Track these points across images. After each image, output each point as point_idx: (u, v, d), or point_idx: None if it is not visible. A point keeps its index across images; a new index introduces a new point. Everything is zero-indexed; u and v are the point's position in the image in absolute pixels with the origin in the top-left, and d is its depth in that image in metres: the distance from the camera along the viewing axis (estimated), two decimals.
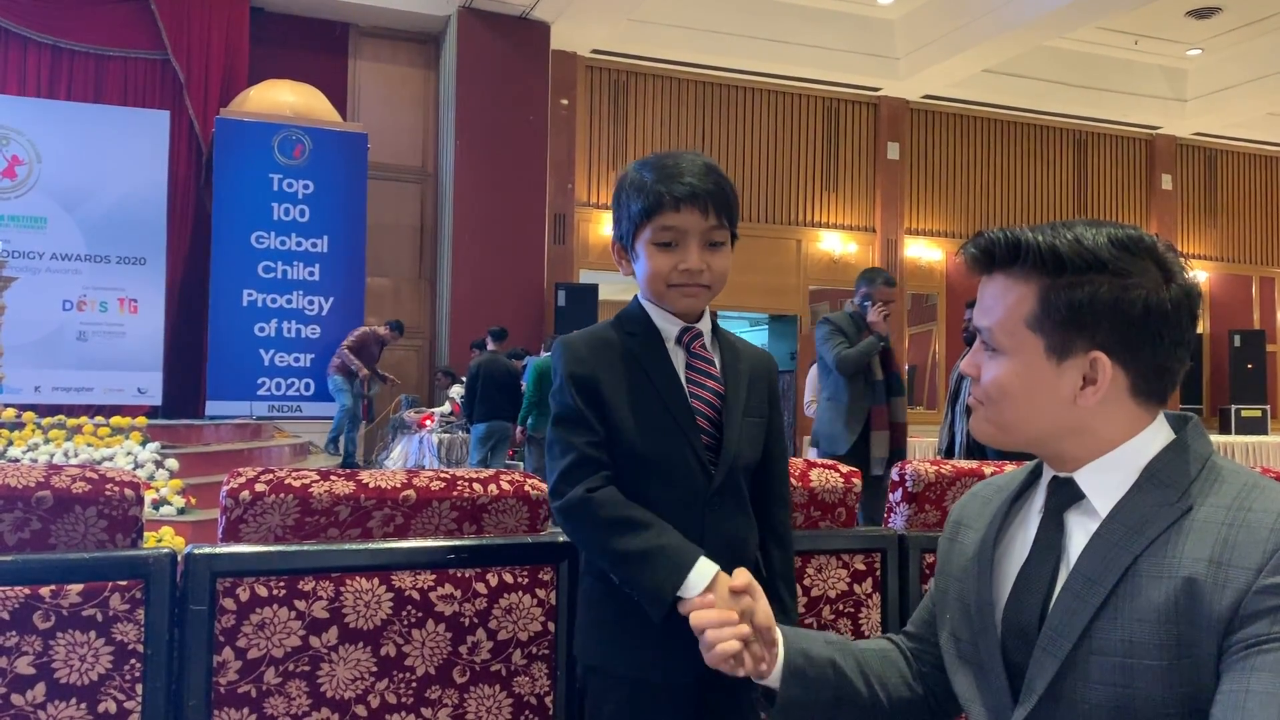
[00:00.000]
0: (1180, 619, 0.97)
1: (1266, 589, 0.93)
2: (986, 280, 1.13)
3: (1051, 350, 1.07)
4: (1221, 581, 0.95)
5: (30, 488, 1.44)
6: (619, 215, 1.55)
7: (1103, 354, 1.05)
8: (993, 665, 1.11)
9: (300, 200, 9.74)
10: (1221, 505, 1.00)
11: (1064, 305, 1.05)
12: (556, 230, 10.99)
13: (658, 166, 1.49)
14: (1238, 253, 14.60)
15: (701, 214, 1.47)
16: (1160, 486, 1.04)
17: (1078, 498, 1.09)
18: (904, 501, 2.05)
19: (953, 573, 1.23)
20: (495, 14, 10.28)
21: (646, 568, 1.38)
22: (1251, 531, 0.96)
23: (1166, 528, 1.01)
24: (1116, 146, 13.81)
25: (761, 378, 1.60)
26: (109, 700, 1.42)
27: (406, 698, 1.59)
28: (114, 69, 9.99)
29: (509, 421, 8.16)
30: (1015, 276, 1.09)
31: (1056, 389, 1.07)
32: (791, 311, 12.24)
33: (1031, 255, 1.07)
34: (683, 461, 1.48)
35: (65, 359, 9.34)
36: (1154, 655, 0.98)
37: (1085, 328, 1.05)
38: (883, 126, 12.51)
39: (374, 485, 1.65)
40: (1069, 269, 1.05)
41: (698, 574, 1.36)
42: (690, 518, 1.47)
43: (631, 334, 1.53)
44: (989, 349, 1.12)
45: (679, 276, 1.48)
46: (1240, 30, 11.76)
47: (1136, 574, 1.01)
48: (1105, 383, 1.05)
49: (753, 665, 1.20)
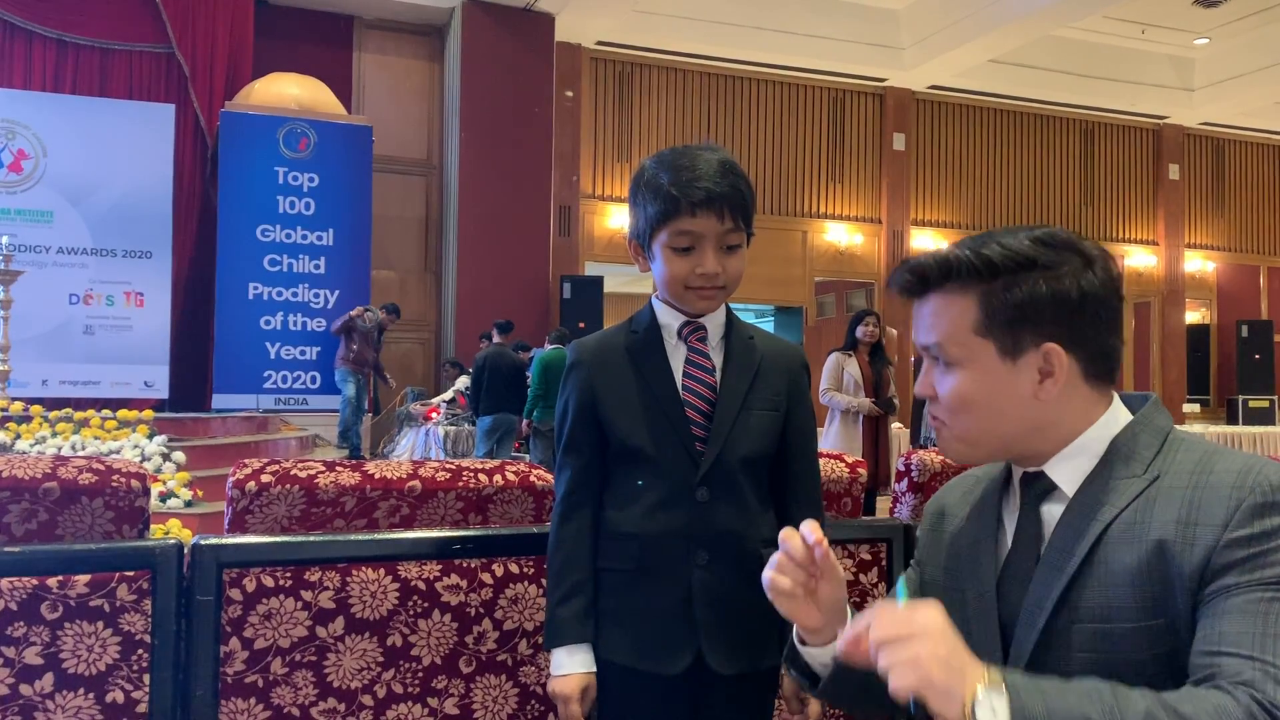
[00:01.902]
0: (1153, 580, 1.01)
1: (1232, 542, 0.97)
2: (920, 303, 1.16)
3: (1004, 351, 1.10)
4: (1190, 540, 0.99)
5: (37, 479, 1.44)
6: (635, 213, 1.56)
7: (1053, 344, 1.09)
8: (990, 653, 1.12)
9: (305, 193, 9.74)
10: (1185, 471, 1.05)
11: (1006, 305, 1.09)
12: (562, 222, 10.99)
13: (674, 167, 1.49)
14: (1245, 242, 14.54)
15: (718, 218, 1.47)
16: (1125, 461, 1.08)
17: (1050, 489, 1.13)
18: (910, 491, 2.05)
19: (941, 562, 1.25)
20: (500, 6, 10.26)
21: (552, 617, 1.53)
22: (1215, 491, 1.01)
23: (1135, 497, 1.05)
24: (1123, 136, 13.76)
25: (779, 371, 1.58)
26: (116, 690, 1.43)
27: (413, 687, 1.59)
28: (119, 62, 10.00)
29: (515, 414, 8.16)
30: (951, 292, 1.12)
31: (1016, 388, 1.10)
32: (797, 303, 12.22)
33: (964, 268, 1.10)
34: (670, 452, 1.50)
35: (72, 352, 9.36)
36: (1131, 618, 1.01)
37: (1030, 322, 1.08)
38: (888, 117, 12.47)
39: (380, 476, 1.66)
40: (1002, 271, 1.09)
41: (558, 658, 1.50)
42: (677, 509, 1.49)
43: (635, 332, 1.58)
44: (941, 364, 1.14)
45: (697, 280, 1.50)
46: (1248, 19, 11.70)
47: (1108, 542, 1.05)
48: (1062, 372, 1.09)
49: (803, 618, 1.18)
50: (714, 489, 1.50)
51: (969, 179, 12.96)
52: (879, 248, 12.44)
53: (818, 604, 1.17)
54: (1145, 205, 13.87)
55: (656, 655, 1.48)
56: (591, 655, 1.51)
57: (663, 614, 1.48)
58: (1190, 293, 14.11)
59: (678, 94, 11.65)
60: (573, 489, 1.55)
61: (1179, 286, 13.90)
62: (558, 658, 1.51)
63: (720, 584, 1.48)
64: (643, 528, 1.50)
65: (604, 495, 1.56)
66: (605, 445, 1.55)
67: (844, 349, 6.30)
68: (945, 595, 1.21)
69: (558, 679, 1.50)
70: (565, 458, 1.57)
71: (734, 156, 1.56)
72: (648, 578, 1.50)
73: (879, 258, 12.48)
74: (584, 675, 1.49)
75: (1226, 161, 14.43)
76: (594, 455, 1.55)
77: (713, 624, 1.48)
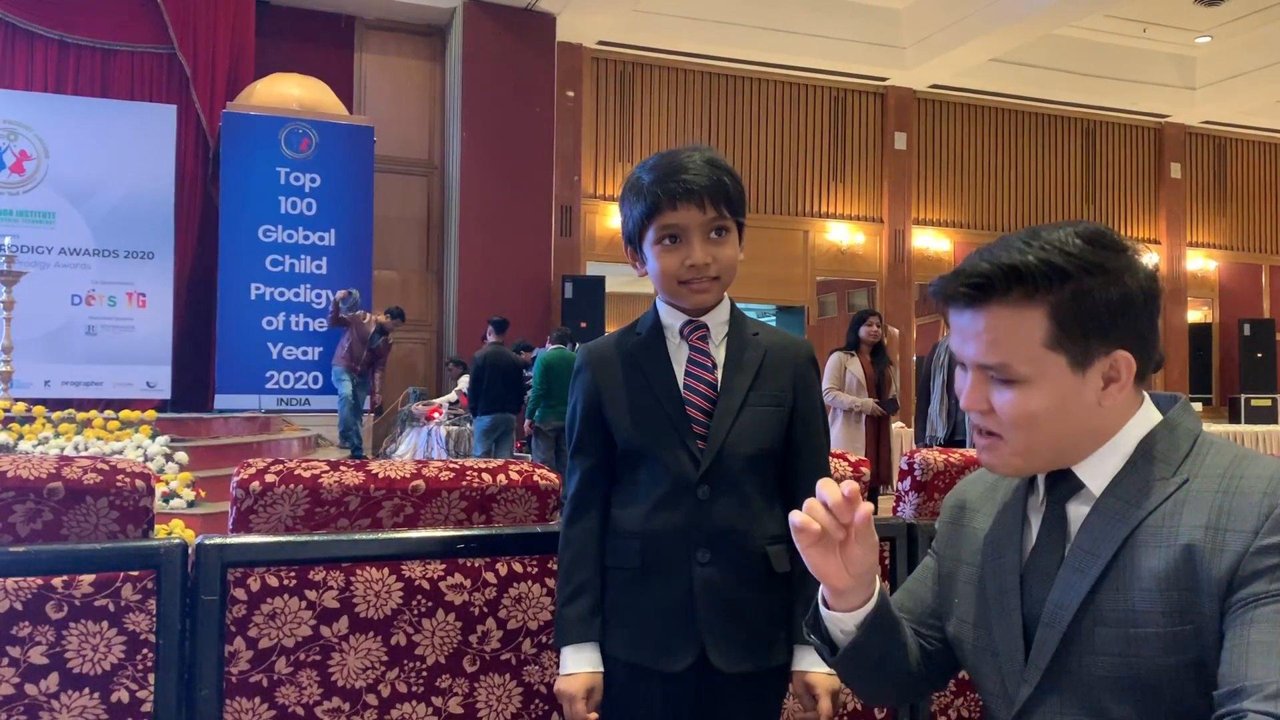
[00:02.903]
0: (1181, 585, 0.99)
1: (1263, 549, 0.95)
2: (974, 313, 1.08)
3: (1075, 363, 1.06)
4: (1219, 546, 0.97)
5: (42, 479, 1.44)
6: (625, 218, 1.58)
7: (1124, 350, 1.06)
8: (1011, 651, 1.11)
9: (307, 193, 9.75)
10: (1215, 475, 1.03)
11: (1079, 316, 1.04)
12: (563, 222, 10.98)
13: (656, 167, 1.52)
14: (1247, 241, 14.52)
15: (700, 209, 1.49)
16: (1154, 462, 1.06)
17: (1077, 488, 1.11)
18: (913, 490, 2.05)
19: (963, 557, 1.23)
20: (500, 6, 10.25)
21: (559, 616, 1.55)
22: (1246, 497, 0.99)
23: (1163, 499, 1.03)
24: (1125, 135, 13.74)
25: (782, 365, 1.57)
26: (121, 690, 1.43)
27: (417, 687, 1.59)
28: (121, 63, 10.00)
29: (513, 414, 8.17)
30: (1015, 303, 1.05)
31: (1083, 398, 1.07)
32: (799, 303, 12.21)
33: (1035, 275, 1.04)
34: (671, 451, 1.50)
35: (74, 353, 9.37)
36: (1157, 623, 0.99)
37: (1101, 331, 1.05)
38: (890, 116, 12.46)
39: (383, 476, 1.66)
40: (1072, 277, 1.04)
41: (565, 657, 1.52)
42: (679, 507, 1.49)
43: (639, 334, 1.59)
44: (1001, 381, 1.08)
45: (687, 273, 1.50)
46: (1249, 17, 11.68)
47: (1135, 545, 1.03)
48: (1129, 377, 1.07)
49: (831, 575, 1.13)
50: (715, 487, 1.50)
51: (971, 178, 12.95)
52: (880, 247, 12.43)
53: (848, 564, 1.12)
54: (1147, 204, 13.85)
55: (660, 652, 1.49)
56: (598, 654, 1.52)
57: (665, 612, 1.49)
58: (1192, 291, 14.09)
59: (679, 94, 11.64)
60: (580, 490, 1.58)
61: (1181, 285, 13.89)
62: (564, 656, 1.52)
63: (722, 581, 1.48)
64: (644, 526, 1.51)
65: (612, 495, 1.57)
66: (612, 447, 1.57)
67: (846, 349, 6.31)
68: (966, 588, 1.21)
69: (563, 678, 1.51)
70: (574, 460, 1.60)
71: (735, 156, 1.57)
72: (651, 576, 1.50)
73: (880, 257, 12.48)
74: (590, 675, 1.50)
75: (1228, 160, 14.41)
76: (601, 457, 1.57)
77: (715, 622, 1.48)
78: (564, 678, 1.51)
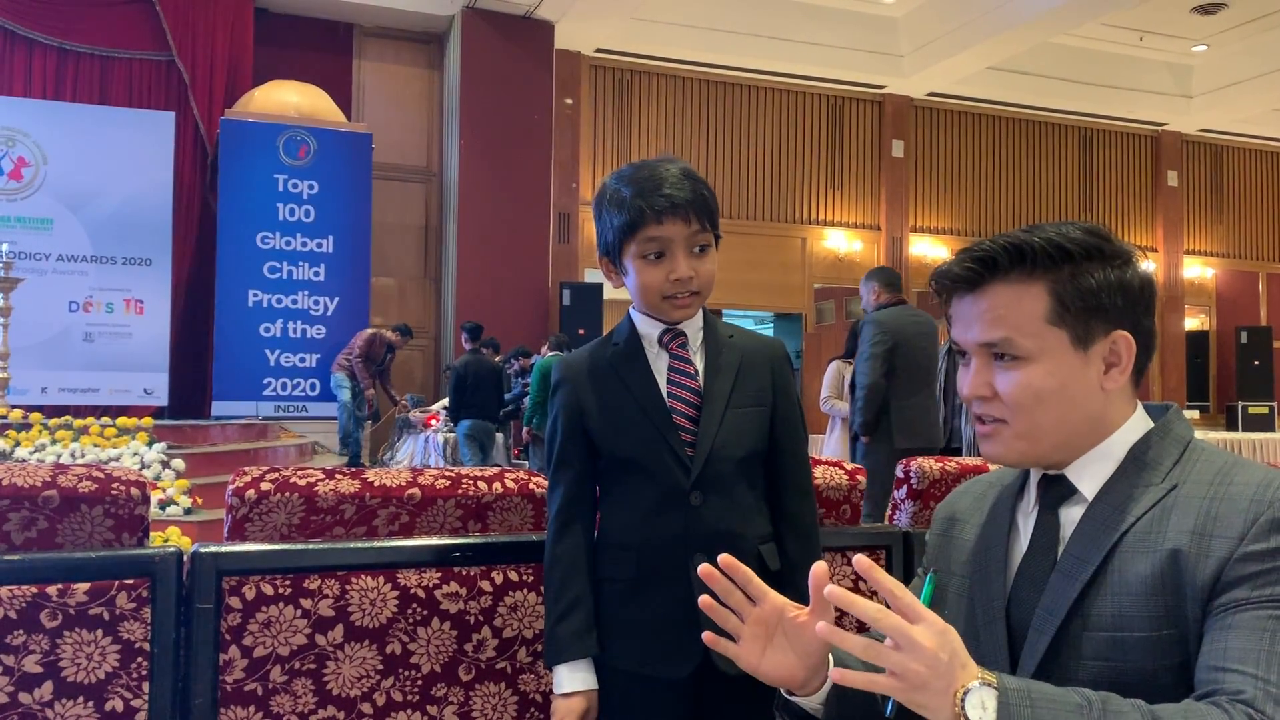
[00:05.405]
0: (1167, 590, 0.99)
1: (1247, 556, 0.96)
2: (975, 297, 1.11)
3: (1077, 340, 1.08)
4: (1204, 551, 0.98)
5: (37, 487, 1.44)
6: (601, 229, 1.57)
7: (1122, 332, 1.08)
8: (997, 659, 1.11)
9: (305, 200, 9.75)
10: (1204, 481, 1.03)
11: (1079, 292, 1.07)
12: (561, 229, 10.99)
13: (635, 180, 1.51)
14: (1244, 249, 14.55)
15: (684, 223, 1.50)
16: (1144, 468, 1.07)
17: (1070, 492, 1.11)
18: (909, 499, 2.05)
19: (953, 569, 1.23)
20: (499, 13, 10.27)
21: (551, 634, 1.53)
22: (1233, 503, 0.99)
23: (1152, 505, 1.04)
24: (1122, 143, 13.77)
25: (759, 366, 1.59)
26: (116, 699, 1.43)
27: (412, 695, 1.59)
28: (119, 70, 10.01)
29: (493, 420, 8.25)
30: (1016, 281, 1.09)
31: (1086, 377, 1.09)
32: (796, 310, 12.22)
33: (1038, 252, 1.07)
34: (660, 459, 1.51)
35: (71, 360, 9.35)
36: (1143, 627, 1.00)
37: (1101, 310, 1.08)
38: (887, 124, 12.49)
39: (379, 484, 1.66)
40: (1074, 258, 1.07)
41: (560, 676, 1.50)
42: (672, 514, 1.50)
43: (616, 345, 1.59)
44: (1005, 360, 1.10)
45: (671, 287, 1.51)
46: (1246, 26, 11.71)
47: (1123, 550, 1.03)
48: (1129, 360, 1.09)
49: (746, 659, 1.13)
50: (707, 492, 1.50)
51: (968, 186, 12.97)
52: (878, 254, 12.44)
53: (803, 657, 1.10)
54: (1144, 212, 13.88)
55: (663, 660, 1.48)
56: (593, 672, 1.51)
57: (666, 621, 1.49)
58: (1189, 299, 14.11)
59: (677, 101, 11.66)
60: (565, 505, 1.56)
61: (1178, 293, 13.91)
62: (559, 675, 1.51)
63: None
64: (638, 536, 1.51)
65: (599, 508, 1.57)
66: (596, 459, 1.56)
67: (844, 357, 6.30)
68: (956, 599, 1.21)
69: (559, 698, 1.50)
70: (557, 474, 1.58)
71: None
72: (648, 586, 1.50)
73: (878, 264, 12.49)
74: (586, 695, 1.50)
75: (1225, 168, 14.44)
76: (585, 469, 1.57)
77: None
78: (560, 698, 1.50)
